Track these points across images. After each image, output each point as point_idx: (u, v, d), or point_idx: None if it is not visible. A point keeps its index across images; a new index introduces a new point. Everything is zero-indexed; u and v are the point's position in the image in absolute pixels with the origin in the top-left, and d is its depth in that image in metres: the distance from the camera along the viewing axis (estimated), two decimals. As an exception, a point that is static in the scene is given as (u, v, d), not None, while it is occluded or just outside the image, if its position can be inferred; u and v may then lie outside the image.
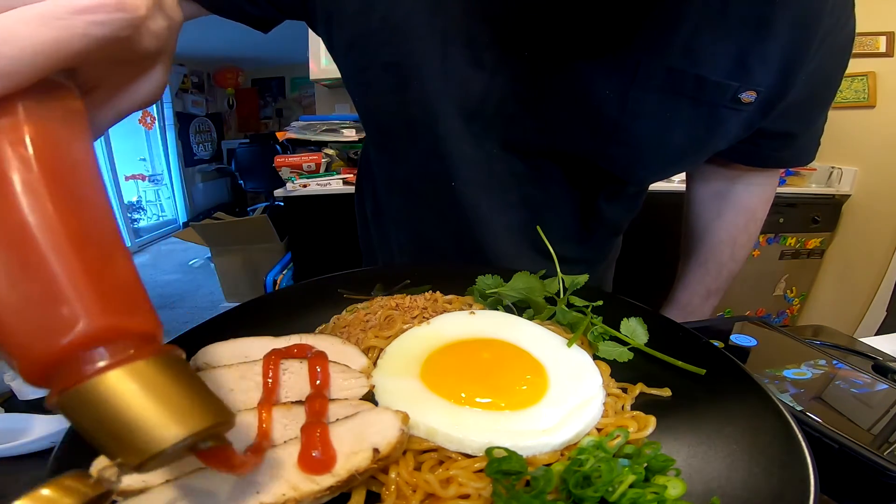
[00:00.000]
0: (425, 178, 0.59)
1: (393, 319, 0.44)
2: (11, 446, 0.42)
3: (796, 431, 0.30)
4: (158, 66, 0.23)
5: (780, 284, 2.25)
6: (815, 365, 0.48)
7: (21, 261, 0.15)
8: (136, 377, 0.16)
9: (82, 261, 0.15)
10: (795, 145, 0.59)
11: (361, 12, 0.50)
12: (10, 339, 0.15)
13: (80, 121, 0.18)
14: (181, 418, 0.16)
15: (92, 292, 0.15)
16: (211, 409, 0.18)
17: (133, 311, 0.17)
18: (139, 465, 0.16)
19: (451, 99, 0.52)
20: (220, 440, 0.19)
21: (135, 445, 0.15)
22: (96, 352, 0.16)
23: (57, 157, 0.16)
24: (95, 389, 0.15)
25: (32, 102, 0.16)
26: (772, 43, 0.45)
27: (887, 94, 1.96)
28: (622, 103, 0.48)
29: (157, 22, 0.21)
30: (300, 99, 5.59)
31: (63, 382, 0.15)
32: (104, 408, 0.15)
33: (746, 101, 0.47)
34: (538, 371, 0.36)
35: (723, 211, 0.68)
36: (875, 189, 2.03)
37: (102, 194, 0.18)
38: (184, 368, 0.18)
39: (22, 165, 0.15)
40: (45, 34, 0.16)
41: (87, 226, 0.16)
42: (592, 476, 0.26)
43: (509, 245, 0.61)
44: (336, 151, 2.16)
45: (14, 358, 0.15)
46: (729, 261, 0.70)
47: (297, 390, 0.33)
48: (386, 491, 0.27)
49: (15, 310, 0.15)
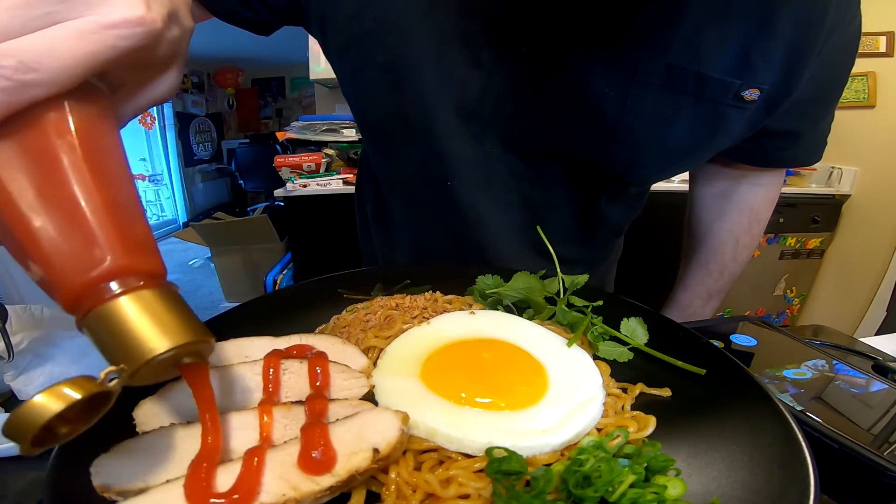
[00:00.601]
0: (423, 179, 0.58)
1: (393, 319, 0.44)
2: (11, 446, 0.42)
3: (796, 431, 0.30)
4: (173, 68, 0.27)
5: (780, 284, 2.25)
6: (815, 365, 0.48)
7: (68, 218, 0.20)
8: (140, 302, 0.21)
9: (111, 218, 0.21)
10: (800, 144, 0.58)
11: (355, 14, 0.50)
12: (55, 274, 0.20)
13: (110, 114, 0.24)
14: (170, 334, 0.21)
15: (117, 240, 0.21)
16: (194, 330, 0.22)
17: (145, 255, 0.22)
18: (134, 371, 0.20)
19: (448, 98, 0.52)
20: (200, 358, 0.24)
21: (133, 354, 0.20)
22: (115, 283, 0.21)
23: (93, 142, 0.22)
24: (110, 310, 0.20)
25: (74, 101, 0.21)
26: (775, 40, 0.44)
27: (887, 94, 1.97)
28: (622, 101, 0.48)
29: (172, 31, 0.25)
30: (300, 99, 5.59)
31: (88, 306, 0.20)
32: (115, 324, 0.20)
33: (749, 99, 0.47)
34: (538, 371, 0.37)
35: (725, 211, 0.67)
36: (875, 189, 2.03)
37: (127, 171, 0.23)
38: (177, 299, 0.22)
39: (68, 148, 0.21)
40: (83, 47, 0.20)
41: (116, 193, 0.22)
42: (592, 476, 0.26)
43: (509, 245, 0.61)
44: (336, 151, 2.16)
45: (56, 288, 0.20)
46: (731, 262, 0.69)
47: (298, 390, 0.33)
48: (386, 491, 0.27)
49: (60, 252, 0.20)
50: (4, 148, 0.20)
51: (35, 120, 0.20)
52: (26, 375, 0.63)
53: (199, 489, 0.24)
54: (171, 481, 0.25)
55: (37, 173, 0.20)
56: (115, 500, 0.25)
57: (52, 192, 0.20)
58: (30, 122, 0.20)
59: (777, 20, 0.43)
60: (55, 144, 0.21)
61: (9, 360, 0.56)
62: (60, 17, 0.20)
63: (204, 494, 0.24)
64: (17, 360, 0.61)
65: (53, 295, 0.21)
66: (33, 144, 0.20)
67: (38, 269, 0.21)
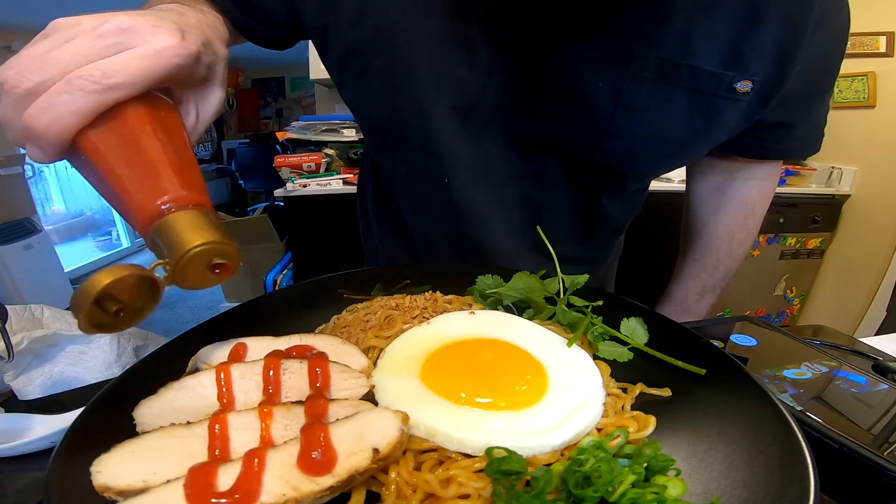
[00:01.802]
0: (421, 176, 0.59)
1: (393, 319, 0.44)
2: (11, 446, 0.42)
3: (796, 431, 0.30)
4: (215, 86, 0.38)
5: (780, 284, 2.25)
6: (815, 365, 0.48)
7: (146, 168, 0.30)
8: (186, 216, 0.29)
9: (172, 167, 0.30)
10: (796, 136, 0.59)
11: (356, 22, 0.52)
12: (136, 204, 0.29)
13: (175, 115, 0.34)
14: (202, 236, 0.29)
15: (175, 180, 0.30)
16: (222, 235, 0.30)
17: (194, 190, 0.30)
18: (175, 262, 0.28)
19: (445, 99, 0.53)
20: (230, 260, 0.31)
21: (175, 249, 0.28)
22: (171, 205, 0.29)
23: (164, 122, 0.32)
24: (166, 222, 0.29)
25: (145, 101, 0.31)
26: (763, 33, 0.45)
27: (887, 94, 1.96)
28: (616, 96, 0.49)
29: (207, 56, 0.36)
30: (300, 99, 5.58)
31: (154, 221, 0.29)
32: (167, 231, 0.28)
33: (742, 91, 0.48)
34: (538, 371, 0.37)
35: (721, 205, 0.68)
36: (875, 189, 2.03)
37: (184, 142, 0.33)
38: (215, 218, 0.31)
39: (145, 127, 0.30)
40: (143, 64, 0.30)
41: (175, 153, 0.31)
42: (592, 476, 0.26)
43: (509, 244, 0.61)
44: (336, 151, 2.16)
45: (135, 214, 0.29)
46: (726, 257, 0.69)
47: (298, 390, 0.33)
48: (386, 491, 0.27)
49: (139, 188, 0.29)
50: (101, 132, 0.29)
51: (120, 112, 0.30)
52: (26, 375, 0.63)
53: (200, 489, 0.24)
54: (171, 481, 0.25)
55: (123, 145, 0.30)
56: (115, 500, 0.25)
57: (135, 155, 0.30)
58: (117, 114, 0.30)
59: (764, 14, 0.44)
60: (134, 125, 0.30)
61: (9, 360, 0.56)
62: (124, 45, 0.30)
63: (204, 494, 0.24)
64: (17, 360, 0.61)
65: (132, 220, 0.30)
66: (121, 127, 0.30)
67: (125, 204, 0.29)
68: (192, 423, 0.29)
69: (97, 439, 0.28)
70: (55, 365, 0.65)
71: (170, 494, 0.24)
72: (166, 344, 0.41)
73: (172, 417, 0.30)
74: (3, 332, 0.53)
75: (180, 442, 0.28)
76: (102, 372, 0.68)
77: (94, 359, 0.69)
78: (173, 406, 0.31)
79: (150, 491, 0.25)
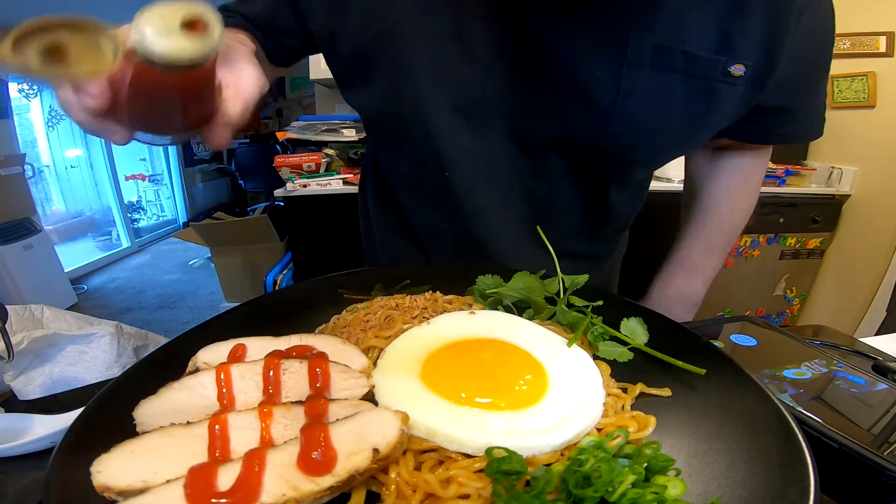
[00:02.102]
0: (423, 173, 0.60)
1: (393, 319, 0.44)
2: (11, 446, 0.42)
3: (796, 431, 0.30)
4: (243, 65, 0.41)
5: (780, 284, 2.24)
6: (814, 365, 0.48)
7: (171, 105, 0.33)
8: None
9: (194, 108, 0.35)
10: (797, 121, 0.60)
11: (361, 26, 0.53)
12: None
13: None
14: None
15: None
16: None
17: None
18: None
19: (446, 96, 0.54)
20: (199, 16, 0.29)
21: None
22: None
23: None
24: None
25: None
26: (749, 20, 0.47)
27: (887, 94, 1.96)
28: (616, 84, 0.50)
29: None
30: (300, 99, 5.58)
31: None
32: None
33: (737, 74, 0.49)
34: (538, 371, 0.37)
35: (718, 171, 0.69)
36: (875, 189, 2.02)
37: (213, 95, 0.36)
38: None
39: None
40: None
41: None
42: (592, 476, 0.26)
43: (513, 239, 0.62)
44: (336, 151, 2.16)
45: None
46: (727, 216, 0.70)
47: (298, 390, 0.33)
48: (386, 491, 0.27)
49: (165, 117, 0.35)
50: None
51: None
52: (26, 375, 0.63)
53: (200, 489, 0.24)
54: (171, 481, 0.25)
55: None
56: (115, 500, 0.25)
57: None
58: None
59: (748, 3, 0.47)
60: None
61: (9, 360, 0.56)
62: None
63: (204, 494, 0.24)
64: (17, 360, 0.61)
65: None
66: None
67: None
68: (192, 423, 0.29)
69: (97, 439, 0.28)
70: (55, 365, 0.65)
71: (170, 494, 0.24)
72: (166, 344, 0.41)
73: (172, 417, 0.30)
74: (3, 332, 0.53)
75: (180, 442, 0.28)
76: (102, 372, 0.68)
77: (94, 359, 0.69)
78: (173, 406, 0.31)
79: (150, 491, 0.25)
